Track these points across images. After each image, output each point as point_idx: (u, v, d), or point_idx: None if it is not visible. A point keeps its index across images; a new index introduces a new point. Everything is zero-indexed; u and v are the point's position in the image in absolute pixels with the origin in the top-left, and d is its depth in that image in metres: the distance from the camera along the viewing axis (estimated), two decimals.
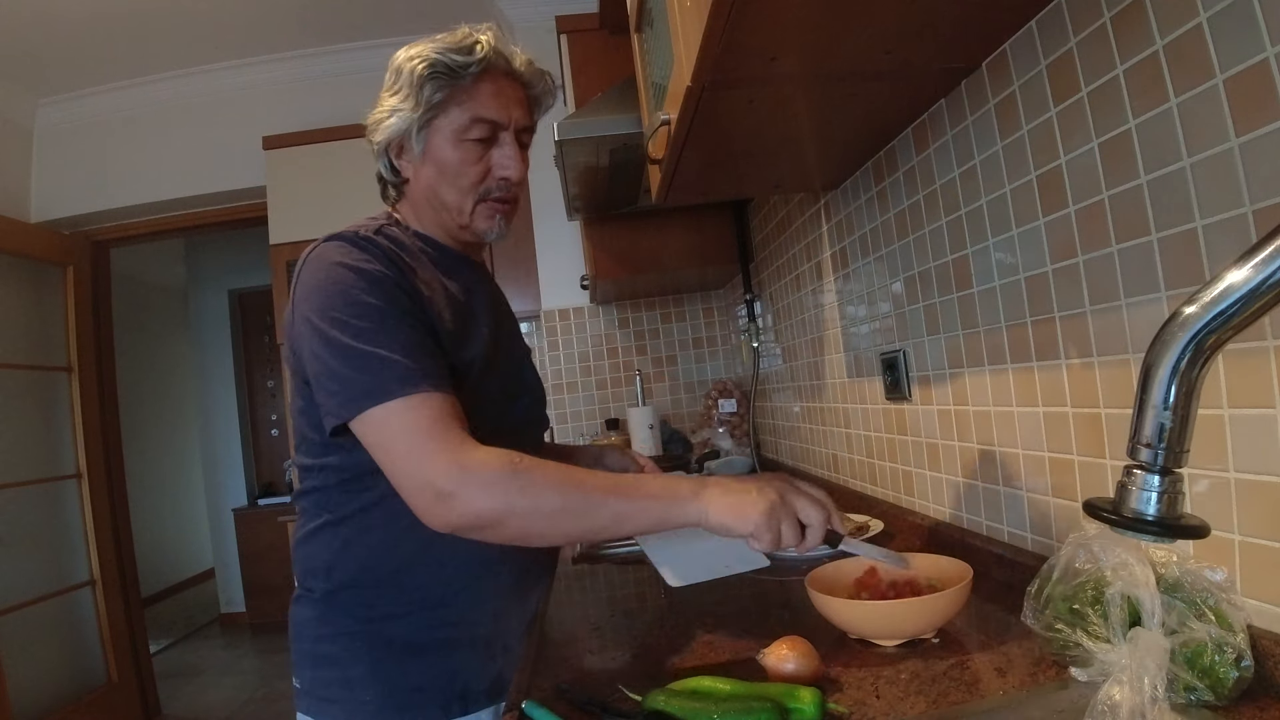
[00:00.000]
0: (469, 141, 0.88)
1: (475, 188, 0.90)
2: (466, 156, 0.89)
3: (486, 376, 0.89)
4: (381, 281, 0.80)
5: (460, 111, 0.87)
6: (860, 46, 0.76)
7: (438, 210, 0.93)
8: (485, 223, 0.93)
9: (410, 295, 0.82)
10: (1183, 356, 0.39)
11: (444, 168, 0.89)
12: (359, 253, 0.82)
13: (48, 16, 2.42)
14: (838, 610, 0.78)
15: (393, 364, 0.75)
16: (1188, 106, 0.59)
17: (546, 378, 2.71)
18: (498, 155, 0.90)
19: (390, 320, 0.78)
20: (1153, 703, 0.50)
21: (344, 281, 0.79)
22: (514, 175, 0.91)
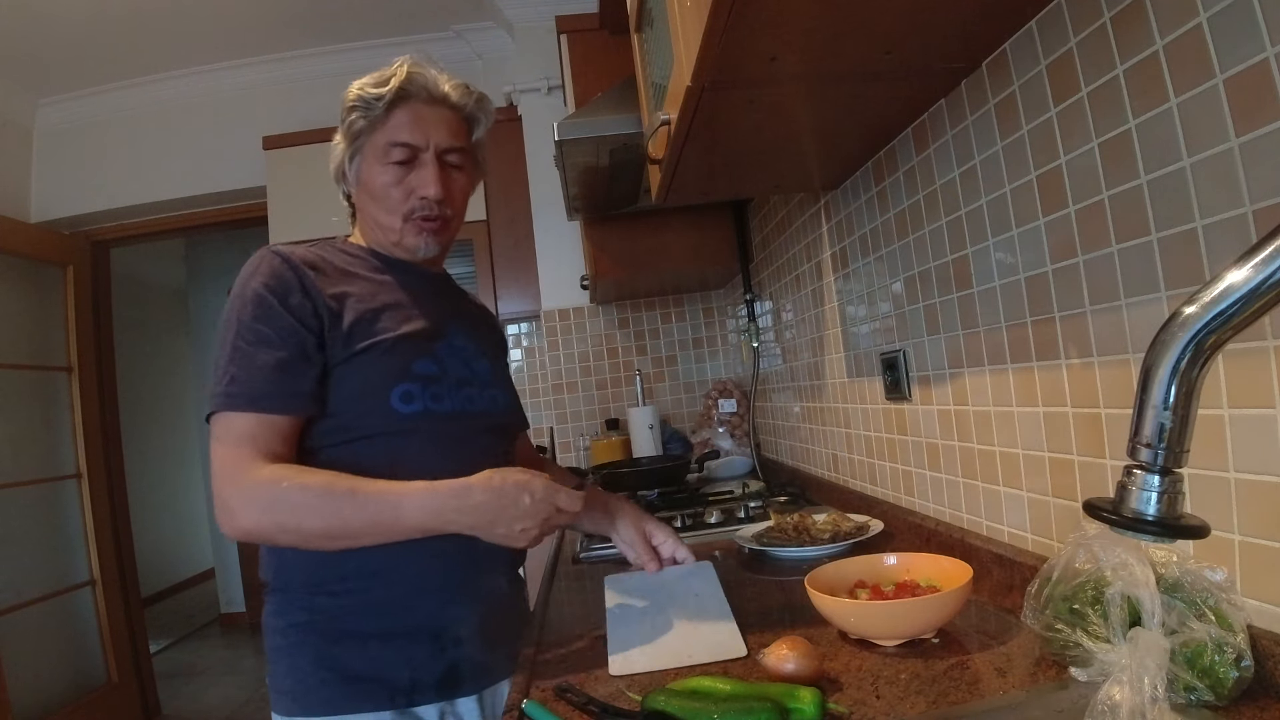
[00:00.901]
0: (390, 165, 0.96)
1: (400, 207, 0.97)
2: (388, 179, 0.96)
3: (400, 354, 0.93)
4: (263, 302, 0.87)
5: (380, 137, 0.96)
6: (860, 46, 0.76)
7: (374, 229, 1.01)
8: (414, 239, 0.99)
9: (297, 313, 0.88)
10: (1183, 356, 0.39)
11: (372, 191, 0.98)
12: (266, 268, 0.90)
13: (48, 16, 2.42)
14: (838, 610, 0.78)
15: (233, 380, 0.84)
16: (1188, 106, 0.59)
17: (546, 377, 2.71)
18: (416, 177, 0.96)
19: (251, 340, 0.86)
20: (1153, 703, 0.50)
21: (239, 294, 0.89)
22: (432, 194, 0.96)
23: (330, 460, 0.88)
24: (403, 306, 0.98)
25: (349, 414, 0.90)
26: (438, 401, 0.95)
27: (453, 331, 1.02)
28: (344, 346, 0.90)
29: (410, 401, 0.92)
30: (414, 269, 1.04)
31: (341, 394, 0.90)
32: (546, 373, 2.70)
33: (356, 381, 0.90)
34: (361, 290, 0.96)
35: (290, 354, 0.86)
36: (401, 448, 0.91)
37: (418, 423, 0.92)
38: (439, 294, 1.07)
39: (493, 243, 2.68)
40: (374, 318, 0.93)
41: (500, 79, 2.84)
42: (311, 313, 0.89)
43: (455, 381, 0.98)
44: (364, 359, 0.90)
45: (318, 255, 0.96)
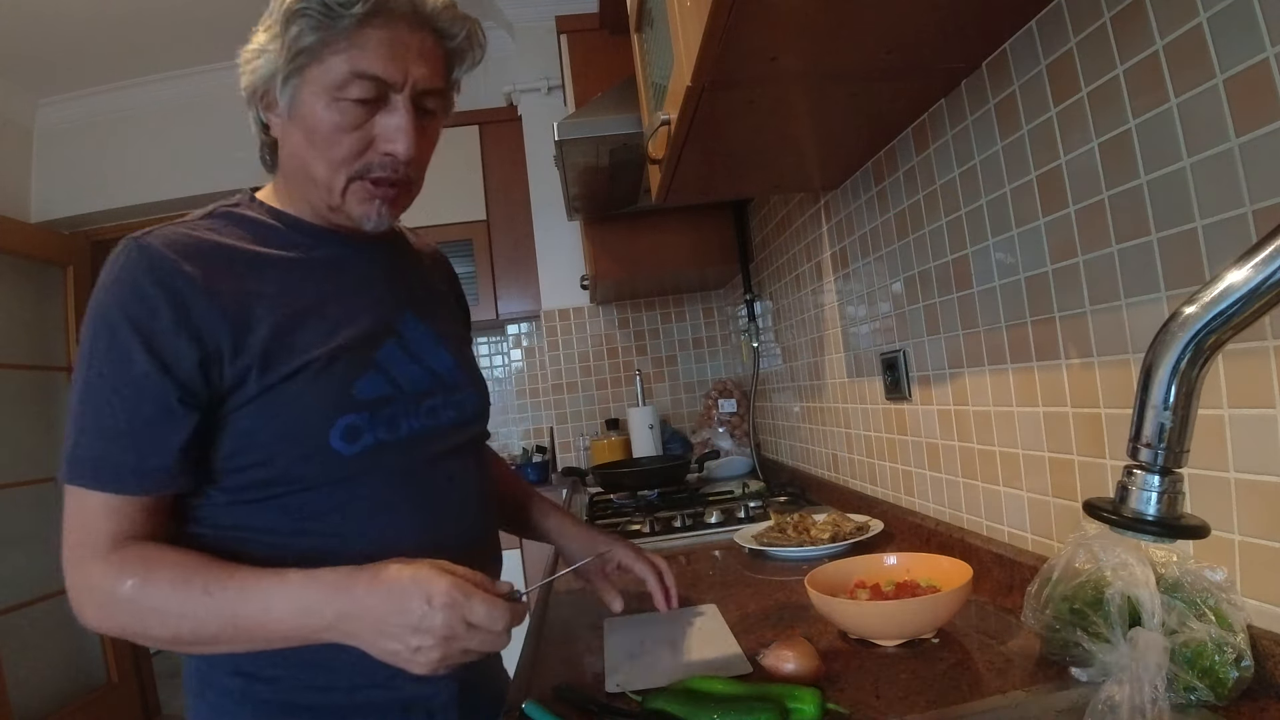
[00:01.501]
0: (347, 102, 0.68)
1: (350, 162, 0.71)
2: (342, 120, 0.69)
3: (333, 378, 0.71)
4: (115, 333, 0.64)
5: (338, 62, 0.67)
6: (860, 46, 0.76)
7: (306, 184, 0.73)
8: (360, 207, 0.73)
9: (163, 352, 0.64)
10: (1183, 356, 0.39)
11: (313, 132, 0.69)
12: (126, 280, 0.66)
13: (48, 16, 2.42)
14: (838, 610, 0.78)
15: (78, 441, 0.65)
16: (1188, 106, 0.59)
17: (546, 377, 2.71)
18: (384, 123, 0.70)
19: (100, 386, 0.64)
20: (1153, 703, 0.50)
21: (93, 312, 0.66)
22: (401, 151, 0.70)
23: (251, 519, 0.69)
24: (334, 301, 0.74)
25: (277, 463, 0.68)
26: (392, 429, 0.73)
27: (407, 323, 0.80)
28: (258, 376, 0.67)
29: (355, 438, 0.70)
30: (352, 241, 0.78)
31: (263, 437, 0.68)
32: (546, 373, 2.70)
33: (281, 420, 0.68)
34: (276, 288, 0.71)
35: (147, 414, 0.64)
36: (348, 498, 0.70)
37: (367, 462, 0.71)
38: (388, 268, 0.82)
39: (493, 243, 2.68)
40: (294, 328, 0.70)
41: (500, 79, 2.84)
42: (189, 348, 0.65)
43: (413, 397, 0.76)
44: (287, 390, 0.68)
45: (210, 238, 0.70)
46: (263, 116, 0.74)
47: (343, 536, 0.70)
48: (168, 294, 0.65)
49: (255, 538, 0.69)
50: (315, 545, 0.69)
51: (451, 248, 2.63)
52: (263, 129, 0.76)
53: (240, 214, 0.75)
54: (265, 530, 0.69)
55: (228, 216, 0.74)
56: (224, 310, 0.67)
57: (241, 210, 0.75)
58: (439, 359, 0.81)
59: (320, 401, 0.69)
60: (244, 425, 0.68)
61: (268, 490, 0.69)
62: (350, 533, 0.70)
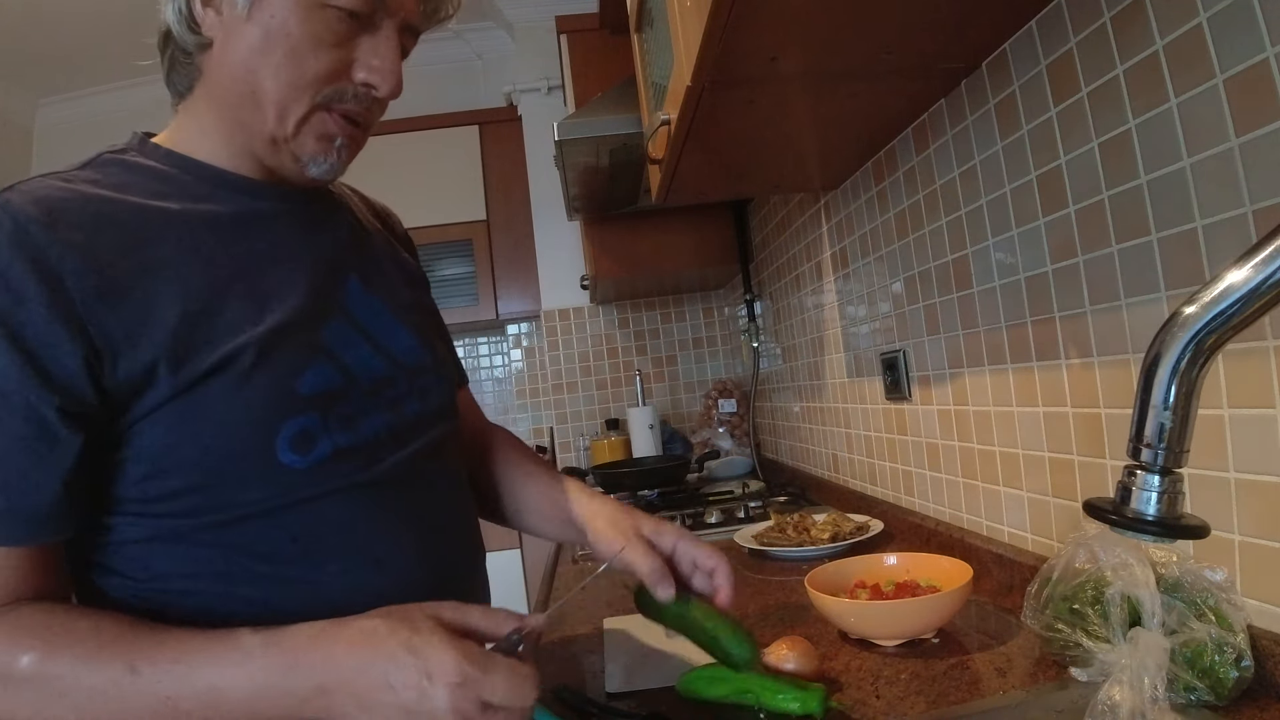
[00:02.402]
0: (333, 10, 0.56)
1: (319, 84, 0.57)
2: (323, 33, 0.56)
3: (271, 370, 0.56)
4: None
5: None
6: (860, 46, 0.76)
7: (244, 106, 0.58)
8: (315, 144, 0.59)
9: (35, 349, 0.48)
10: (1183, 356, 0.39)
11: (280, 38, 0.55)
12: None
13: (48, 16, 2.42)
14: (838, 610, 0.78)
15: None
16: (1188, 106, 0.59)
17: (546, 377, 2.71)
18: (369, 46, 0.58)
19: None
20: (1153, 703, 0.50)
21: None
22: (385, 87, 0.59)
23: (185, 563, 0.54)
24: (262, 271, 0.58)
25: (208, 487, 0.53)
26: (350, 429, 0.59)
27: (351, 293, 0.64)
28: (169, 373, 0.51)
29: (309, 447, 0.56)
30: (279, 192, 0.63)
31: (184, 454, 0.52)
32: (546, 373, 2.70)
33: (207, 430, 0.53)
34: (183, 254, 0.55)
35: (16, 432, 0.48)
36: (307, 526, 0.56)
37: (326, 477, 0.57)
38: (321, 227, 0.66)
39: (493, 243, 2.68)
40: (212, 308, 0.54)
41: (500, 79, 2.84)
42: (71, 343, 0.49)
43: (369, 388, 0.61)
44: (210, 389, 0.53)
45: (99, 192, 0.55)
46: (195, 9, 0.58)
47: (305, 578, 0.56)
48: (37, 270, 0.48)
49: (188, 588, 0.53)
50: (269, 595, 0.55)
51: (451, 248, 2.63)
52: (188, 25, 0.59)
53: (131, 160, 0.60)
54: (199, 576, 0.54)
55: (115, 164, 0.59)
56: (114, 287, 0.51)
57: (132, 157, 0.61)
58: (395, 337, 0.66)
59: (258, 403, 0.54)
60: (155, 440, 0.52)
61: (197, 521, 0.53)
62: (313, 573, 0.56)
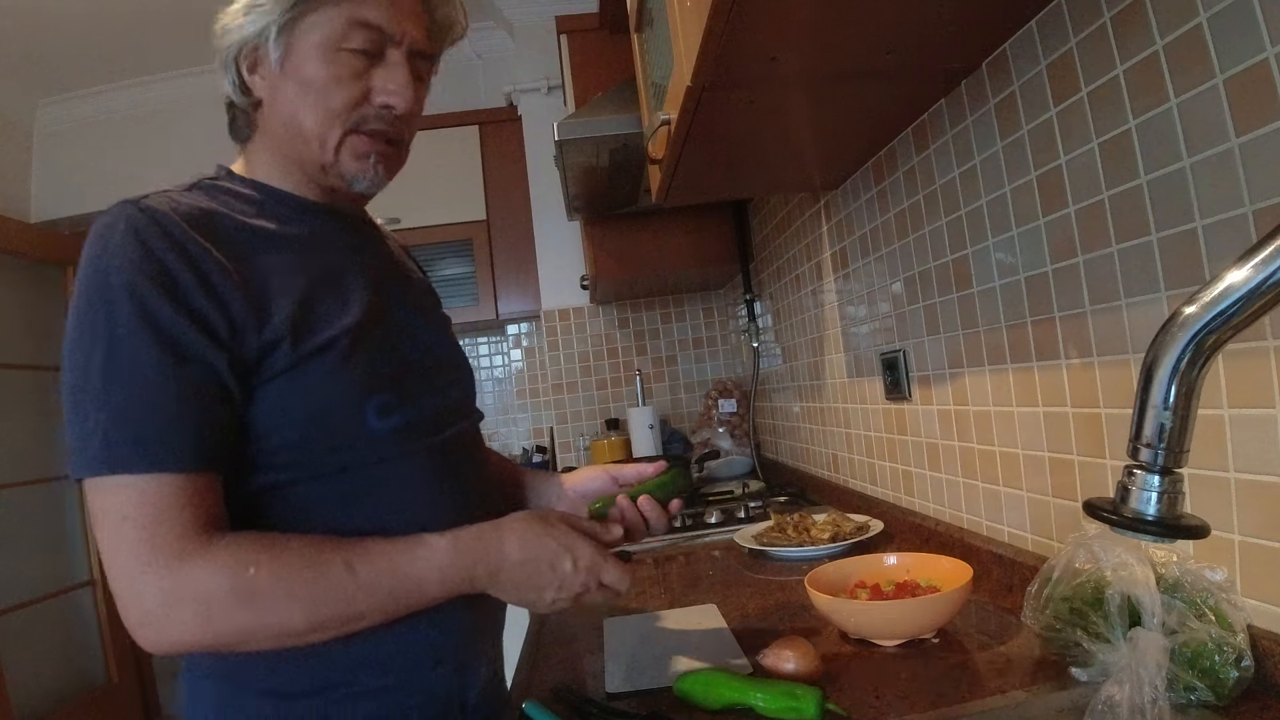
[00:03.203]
0: (346, 52, 0.68)
1: (346, 113, 0.69)
2: (340, 71, 0.68)
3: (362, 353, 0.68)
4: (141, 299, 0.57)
5: (337, 11, 0.67)
6: (860, 46, 0.76)
7: (295, 143, 0.71)
8: (355, 163, 0.71)
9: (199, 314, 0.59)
10: (1183, 356, 0.39)
11: (308, 84, 0.68)
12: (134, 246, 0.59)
13: (48, 16, 2.42)
14: (838, 610, 0.78)
15: (115, 422, 0.56)
16: (1188, 106, 0.59)
17: (546, 377, 2.71)
18: (382, 75, 0.69)
19: (131, 359, 0.56)
20: (1153, 703, 0.50)
21: (98, 286, 0.58)
22: (400, 104, 0.70)
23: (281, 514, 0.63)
24: (338, 278, 0.71)
25: (309, 445, 0.64)
26: (417, 405, 0.71)
27: (395, 300, 0.76)
28: (291, 348, 0.63)
29: (389, 414, 0.67)
30: (336, 215, 0.76)
31: (296, 415, 0.63)
32: (546, 373, 2.69)
33: (315, 396, 0.64)
34: (280, 260, 0.67)
35: (195, 377, 0.58)
36: (384, 479, 0.67)
37: (401, 441, 0.68)
38: (371, 250, 0.79)
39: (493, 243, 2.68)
40: (312, 302, 0.66)
41: (500, 79, 2.84)
42: (217, 311, 0.60)
43: (420, 373, 0.74)
44: (320, 364, 0.64)
45: (206, 206, 0.66)
46: (245, 78, 0.72)
47: (382, 522, 0.66)
48: (184, 258, 0.60)
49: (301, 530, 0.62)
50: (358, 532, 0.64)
51: (451, 248, 2.63)
52: (241, 91, 0.73)
53: (223, 186, 0.72)
54: (292, 525, 0.62)
55: (213, 189, 0.71)
56: (239, 280, 0.62)
57: (222, 183, 0.72)
58: (430, 334, 0.79)
59: (353, 378, 0.66)
60: (274, 401, 0.63)
61: (296, 474, 0.64)
62: (389, 518, 0.66)
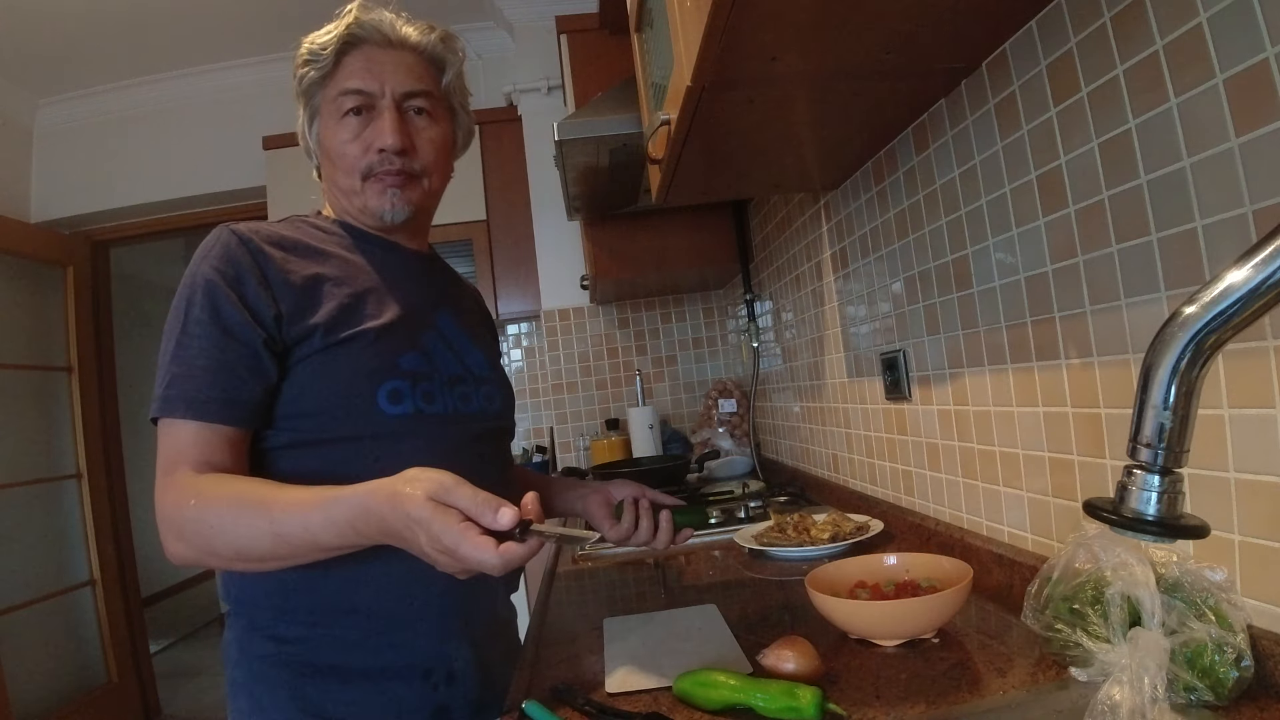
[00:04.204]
0: (346, 118, 0.85)
1: (357, 165, 0.86)
2: (345, 135, 0.86)
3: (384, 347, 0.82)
4: (212, 291, 0.77)
5: (331, 89, 0.86)
6: (860, 46, 0.76)
7: (339, 197, 0.91)
8: (377, 200, 0.87)
9: (251, 306, 0.77)
10: (1183, 356, 0.39)
11: (330, 152, 0.87)
12: (219, 251, 0.79)
13: (48, 16, 2.42)
14: (838, 610, 0.78)
15: (172, 380, 0.75)
16: (1188, 106, 0.59)
17: (546, 377, 2.71)
18: (373, 127, 0.85)
19: (195, 334, 0.76)
20: (1153, 703, 0.50)
21: (190, 280, 0.79)
22: (389, 144, 0.84)
23: (301, 465, 0.78)
24: (383, 290, 0.87)
25: (328, 413, 0.79)
26: (429, 402, 0.84)
27: (442, 320, 0.92)
28: (324, 336, 0.79)
29: (398, 401, 0.81)
30: (394, 247, 0.93)
31: (319, 390, 0.79)
32: (546, 373, 2.70)
33: (337, 377, 0.79)
34: (338, 271, 0.85)
35: (236, 354, 0.76)
36: (388, 453, 0.78)
37: (407, 425, 0.81)
38: (423, 274, 0.95)
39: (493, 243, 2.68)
40: (355, 304, 0.83)
41: (500, 79, 2.84)
42: (269, 305, 0.78)
43: (447, 380, 0.87)
44: (344, 352, 0.80)
45: (285, 233, 0.85)
46: (313, 160, 0.93)
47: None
48: (254, 264, 0.79)
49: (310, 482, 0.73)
50: None
51: (451, 248, 2.63)
52: (316, 171, 0.94)
53: (309, 221, 0.91)
54: (306, 476, 0.74)
55: (299, 223, 0.90)
56: (296, 283, 0.80)
57: (310, 220, 0.91)
58: (472, 355, 0.93)
59: (371, 364, 0.81)
60: (306, 376, 0.79)
61: (321, 436, 0.79)
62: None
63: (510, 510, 0.61)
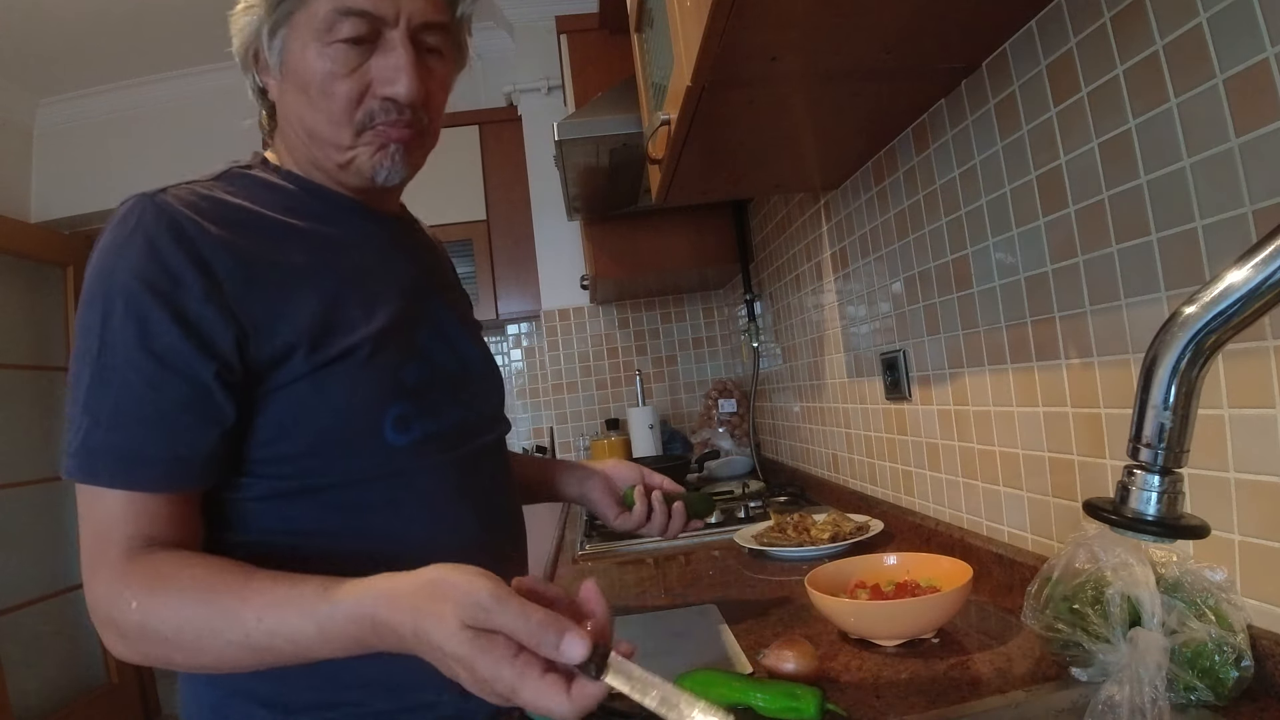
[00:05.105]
0: (337, 44, 0.62)
1: (350, 111, 0.64)
2: (334, 67, 0.62)
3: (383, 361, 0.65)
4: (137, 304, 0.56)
5: (322, 2, 0.62)
6: (860, 46, 0.76)
7: (311, 146, 0.67)
8: (371, 159, 0.66)
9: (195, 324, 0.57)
10: (1183, 356, 0.39)
11: (306, 85, 0.64)
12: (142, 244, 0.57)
13: (48, 16, 2.42)
14: (838, 610, 0.78)
15: (89, 430, 0.56)
16: (1188, 106, 0.59)
17: (546, 377, 2.71)
18: (380, 64, 0.64)
19: (117, 363, 0.55)
20: (1153, 703, 0.50)
21: (102, 282, 0.57)
22: (402, 92, 0.63)
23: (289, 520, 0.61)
24: (368, 279, 0.68)
25: (319, 454, 0.61)
26: (436, 417, 0.68)
27: (435, 308, 0.74)
28: (307, 356, 0.60)
29: (406, 428, 0.65)
30: (370, 213, 0.72)
31: (310, 423, 0.61)
32: (546, 373, 2.69)
33: (328, 408, 0.61)
34: (307, 259, 0.64)
35: (176, 394, 0.56)
36: (401, 495, 0.64)
37: (418, 455, 0.65)
38: (405, 246, 0.76)
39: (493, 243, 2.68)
40: (338, 305, 0.64)
41: (500, 79, 2.84)
42: (223, 320, 0.57)
43: (449, 383, 0.71)
44: (334, 375, 0.61)
45: (232, 201, 0.63)
46: (258, 80, 0.69)
47: (395, 537, 0.63)
48: (194, 259, 0.57)
49: (303, 542, 0.61)
50: (368, 548, 0.62)
51: (452, 248, 2.60)
52: (260, 94, 0.70)
53: (255, 176, 0.68)
54: (313, 532, 0.61)
55: (243, 179, 0.67)
56: (258, 281, 0.60)
57: (256, 173, 0.69)
58: (466, 348, 0.76)
59: (372, 388, 0.63)
60: (288, 408, 0.60)
61: (314, 482, 0.61)
62: (402, 532, 0.64)
63: (579, 639, 0.45)
